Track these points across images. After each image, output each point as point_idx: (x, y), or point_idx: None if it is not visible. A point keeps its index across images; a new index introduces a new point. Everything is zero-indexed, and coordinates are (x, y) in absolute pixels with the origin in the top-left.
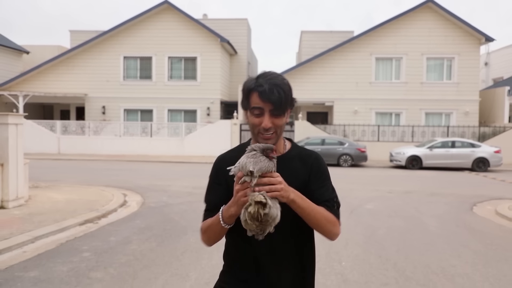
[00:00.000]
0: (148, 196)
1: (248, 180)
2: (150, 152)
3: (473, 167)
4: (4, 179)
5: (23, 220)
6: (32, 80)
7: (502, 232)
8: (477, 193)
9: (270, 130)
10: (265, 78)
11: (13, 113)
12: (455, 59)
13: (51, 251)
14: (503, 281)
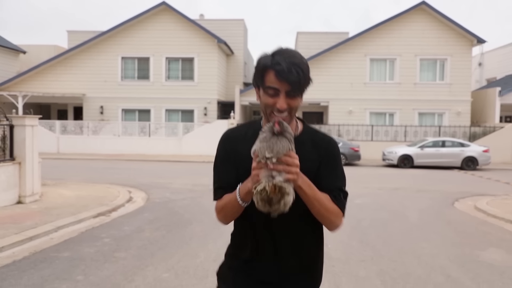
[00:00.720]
0: (151, 192)
1: (264, 161)
2: (148, 151)
3: (463, 166)
4: (21, 176)
5: (43, 213)
6: (30, 80)
7: (475, 223)
8: (462, 190)
9: (285, 111)
10: (282, 55)
11: (29, 115)
12: (448, 60)
13: (75, 238)
14: (461, 258)
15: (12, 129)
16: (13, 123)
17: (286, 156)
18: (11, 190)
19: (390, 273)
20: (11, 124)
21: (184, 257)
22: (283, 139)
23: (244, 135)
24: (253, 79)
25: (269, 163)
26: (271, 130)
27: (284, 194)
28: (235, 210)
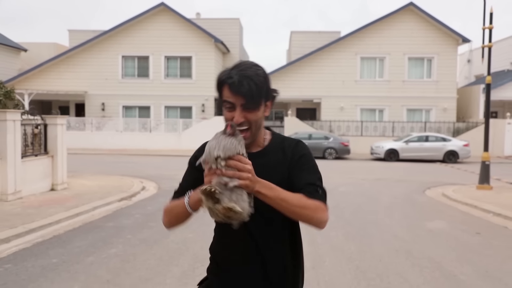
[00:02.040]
0: (161, 182)
1: (214, 166)
2: (149, 146)
3: (444, 159)
4: (54, 168)
5: (76, 198)
6: (33, 78)
7: (435, 205)
8: (437, 180)
9: (244, 124)
10: (237, 69)
11: (59, 115)
12: (435, 58)
13: (110, 215)
14: (410, 226)
15: (46, 127)
16: (46, 122)
17: (236, 161)
18: (46, 179)
19: (353, 234)
20: (45, 123)
21: (201, 225)
22: (231, 138)
23: None
24: (217, 95)
25: (219, 167)
26: (222, 132)
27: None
28: (182, 216)
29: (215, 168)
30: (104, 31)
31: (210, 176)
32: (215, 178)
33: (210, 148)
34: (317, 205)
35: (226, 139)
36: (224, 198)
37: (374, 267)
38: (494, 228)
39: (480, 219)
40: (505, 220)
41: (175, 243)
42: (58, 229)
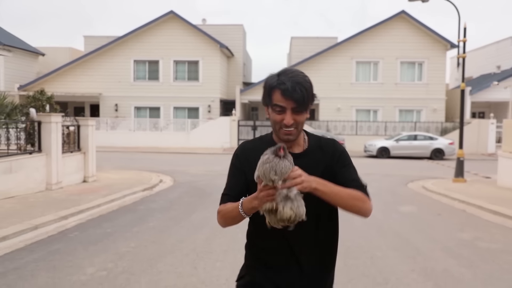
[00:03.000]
0: (175, 176)
1: (271, 185)
2: (160, 144)
3: (431, 156)
4: (86, 162)
5: (106, 188)
6: (51, 81)
7: (413, 195)
8: (421, 175)
9: (292, 126)
10: (287, 75)
11: (90, 117)
12: (425, 63)
13: (139, 201)
14: (386, 210)
15: (79, 128)
16: (80, 124)
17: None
18: (79, 172)
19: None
20: (78, 125)
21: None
22: (285, 161)
23: (258, 149)
24: (262, 98)
25: (277, 185)
26: (273, 153)
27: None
28: (236, 219)
29: (272, 185)
30: (117, 37)
31: (266, 191)
32: (278, 195)
33: (265, 171)
34: (364, 197)
35: (280, 163)
36: (286, 209)
37: (350, 236)
38: (454, 211)
39: (446, 205)
40: (466, 205)
41: (197, 220)
42: (101, 210)
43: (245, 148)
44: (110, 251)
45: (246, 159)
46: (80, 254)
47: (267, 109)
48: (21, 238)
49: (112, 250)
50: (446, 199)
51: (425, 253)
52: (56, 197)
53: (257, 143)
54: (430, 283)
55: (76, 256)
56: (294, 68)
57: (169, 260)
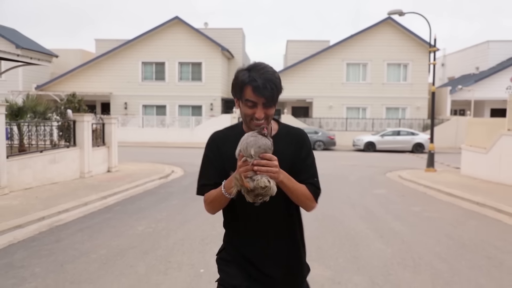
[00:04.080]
0: (184, 167)
1: (250, 160)
2: (166, 140)
3: (413, 150)
4: (109, 155)
5: (128, 177)
6: (65, 81)
7: (388, 182)
8: (400, 166)
9: (263, 119)
10: (258, 72)
11: (113, 116)
12: (409, 64)
13: (158, 186)
14: (362, 192)
15: (104, 125)
16: (104, 122)
17: (267, 158)
18: (104, 163)
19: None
20: (103, 123)
21: None
22: (267, 139)
23: (228, 137)
24: (232, 91)
25: (253, 161)
26: (258, 131)
27: (268, 189)
28: (222, 202)
29: (250, 162)
30: (126, 40)
31: (244, 166)
32: (250, 172)
33: (248, 144)
34: (313, 198)
35: (262, 139)
36: (263, 179)
37: (328, 210)
38: (417, 193)
39: (412, 189)
40: (428, 189)
41: None
42: (129, 193)
43: (216, 137)
44: (149, 218)
45: (218, 147)
46: (129, 219)
47: (237, 101)
48: (78, 210)
49: (150, 218)
50: (414, 184)
51: (381, 219)
52: (90, 183)
53: (227, 132)
54: (376, 234)
55: (126, 220)
56: (264, 63)
57: (194, 222)
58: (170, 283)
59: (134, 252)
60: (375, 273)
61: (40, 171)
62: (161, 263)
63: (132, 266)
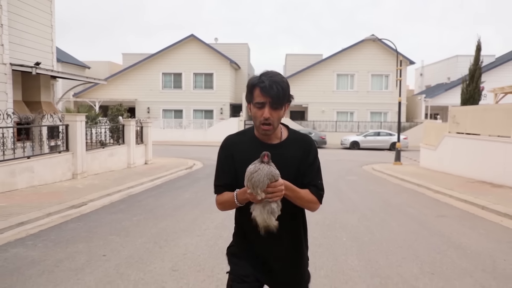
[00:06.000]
0: (203, 161)
1: (257, 194)
2: (183, 139)
3: (390, 148)
4: (146, 151)
5: (162, 167)
6: (97, 90)
7: (362, 172)
8: (376, 160)
9: (269, 120)
10: (267, 76)
11: (149, 120)
12: (390, 75)
13: (186, 174)
14: (337, 178)
15: (142, 127)
16: (142, 125)
17: (272, 188)
18: (143, 157)
19: None
20: (142, 126)
21: None
22: (267, 167)
23: (241, 142)
24: (246, 96)
25: (260, 198)
26: (259, 160)
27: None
28: (232, 206)
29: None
30: (149, 54)
31: (253, 199)
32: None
33: (254, 184)
34: (317, 201)
35: (264, 170)
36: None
37: None
38: (378, 179)
39: (377, 176)
40: (389, 176)
41: None
42: (168, 178)
43: (229, 142)
44: (189, 191)
45: (230, 152)
46: (176, 191)
47: (249, 105)
48: (139, 187)
49: (190, 191)
50: (380, 173)
51: (343, 192)
52: (137, 171)
53: (240, 137)
54: (337, 199)
55: (175, 192)
56: (275, 71)
57: None
58: (212, 221)
59: (187, 207)
60: (328, 215)
61: (103, 162)
62: (206, 213)
63: (188, 213)
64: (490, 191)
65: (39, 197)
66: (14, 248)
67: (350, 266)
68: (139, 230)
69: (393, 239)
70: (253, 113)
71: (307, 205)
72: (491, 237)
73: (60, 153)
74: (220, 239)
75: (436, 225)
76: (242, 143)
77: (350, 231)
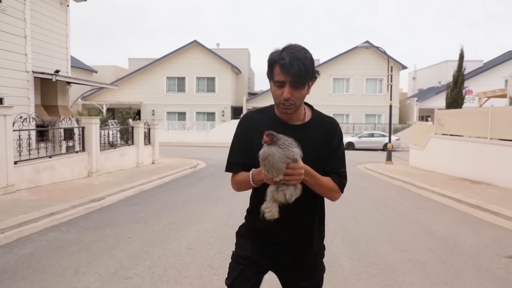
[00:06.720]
0: (206, 161)
1: (276, 178)
2: (186, 140)
3: (383, 148)
4: (153, 151)
5: (168, 167)
6: (104, 93)
7: (355, 171)
8: (369, 160)
9: (290, 100)
10: (288, 51)
11: (156, 122)
12: (384, 79)
13: (192, 172)
14: None
15: (149, 129)
16: (150, 127)
17: (290, 170)
18: (150, 157)
19: None
20: (149, 128)
21: None
22: (281, 149)
23: (260, 120)
24: (266, 72)
25: (276, 179)
26: (264, 141)
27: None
28: (248, 187)
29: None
30: (154, 59)
31: (268, 180)
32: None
33: (269, 168)
34: (338, 190)
35: (276, 153)
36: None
37: None
38: (369, 176)
39: (369, 174)
40: (379, 174)
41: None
42: (174, 176)
43: (247, 118)
44: (196, 188)
45: (248, 128)
46: (184, 188)
47: (270, 82)
48: (150, 184)
49: (196, 187)
50: (372, 172)
51: None
52: (145, 170)
53: (260, 115)
54: None
55: (183, 188)
56: (298, 44)
57: (225, 189)
58: (219, 211)
59: (195, 201)
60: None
61: (115, 161)
62: (212, 205)
63: (196, 206)
64: (468, 187)
65: (62, 192)
66: (52, 233)
67: (335, 246)
68: (155, 219)
69: (374, 225)
70: (273, 92)
71: (327, 193)
72: (460, 224)
73: (77, 153)
74: (226, 226)
75: (414, 215)
76: (261, 121)
77: (338, 219)
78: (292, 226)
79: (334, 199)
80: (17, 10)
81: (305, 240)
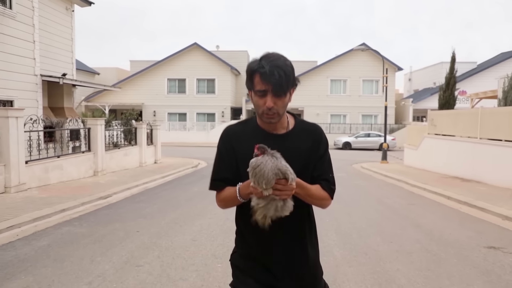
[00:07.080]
0: (207, 161)
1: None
2: (187, 140)
3: (380, 148)
4: (156, 151)
5: (170, 166)
6: (106, 94)
7: (351, 169)
8: (365, 159)
9: (273, 109)
10: (268, 59)
11: (158, 123)
12: (380, 80)
13: (193, 172)
14: None
15: (152, 130)
16: (152, 128)
17: (280, 186)
18: (152, 157)
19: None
20: (152, 128)
21: None
22: (271, 164)
23: (243, 132)
24: (246, 82)
25: (265, 193)
26: (255, 155)
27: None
28: (235, 202)
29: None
30: (155, 61)
31: (257, 194)
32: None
33: (258, 178)
34: (328, 197)
35: (269, 162)
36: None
37: None
38: (365, 175)
39: (364, 173)
40: (374, 173)
41: None
42: (176, 175)
43: (230, 132)
44: (197, 186)
45: (231, 143)
46: (186, 186)
47: (250, 92)
48: (153, 183)
49: (198, 186)
50: (367, 171)
51: None
52: (148, 169)
53: (242, 127)
54: None
55: (185, 186)
56: (276, 53)
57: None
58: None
59: (197, 198)
60: None
61: (119, 161)
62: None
63: (199, 203)
64: (458, 185)
65: (71, 190)
66: (65, 227)
67: (329, 238)
68: (161, 215)
69: (367, 220)
70: (254, 102)
71: (318, 202)
72: (447, 218)
73: (84, 153)
74: (228, 221)
75: (405, 211)
76: (244, 133)
77: (332, 214)
78: (282, 241)
79: (325, 206)
80: (26, 16)
81: (299, 257)
